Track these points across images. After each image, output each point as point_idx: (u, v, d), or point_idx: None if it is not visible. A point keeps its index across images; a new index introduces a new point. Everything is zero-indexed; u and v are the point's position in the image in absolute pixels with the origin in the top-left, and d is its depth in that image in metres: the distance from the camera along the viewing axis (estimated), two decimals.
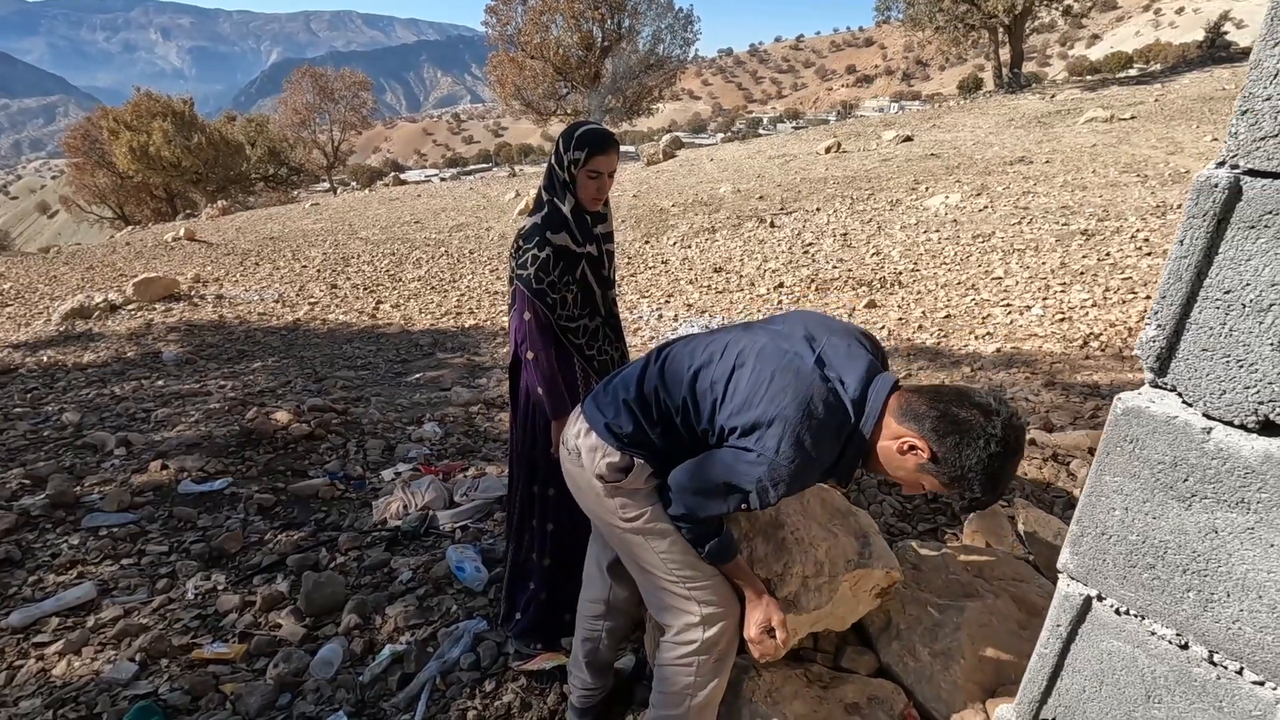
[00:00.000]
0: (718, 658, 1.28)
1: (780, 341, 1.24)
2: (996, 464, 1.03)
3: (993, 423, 1.04)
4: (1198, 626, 0.57)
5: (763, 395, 1.16)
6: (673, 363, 1.32)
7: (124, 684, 2.06)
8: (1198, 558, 0.56)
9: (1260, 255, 0.50)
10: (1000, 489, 1.07)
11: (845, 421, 1.17)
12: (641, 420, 1.31)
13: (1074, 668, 0.66)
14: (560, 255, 1.81)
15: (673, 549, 1.29)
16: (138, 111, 23.84)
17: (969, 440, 1.04)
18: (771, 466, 1.14)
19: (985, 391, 1.10)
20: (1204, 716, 0.58)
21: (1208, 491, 0.54)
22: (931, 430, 1.08)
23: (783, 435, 1.13)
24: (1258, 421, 0.52)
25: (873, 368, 1.20)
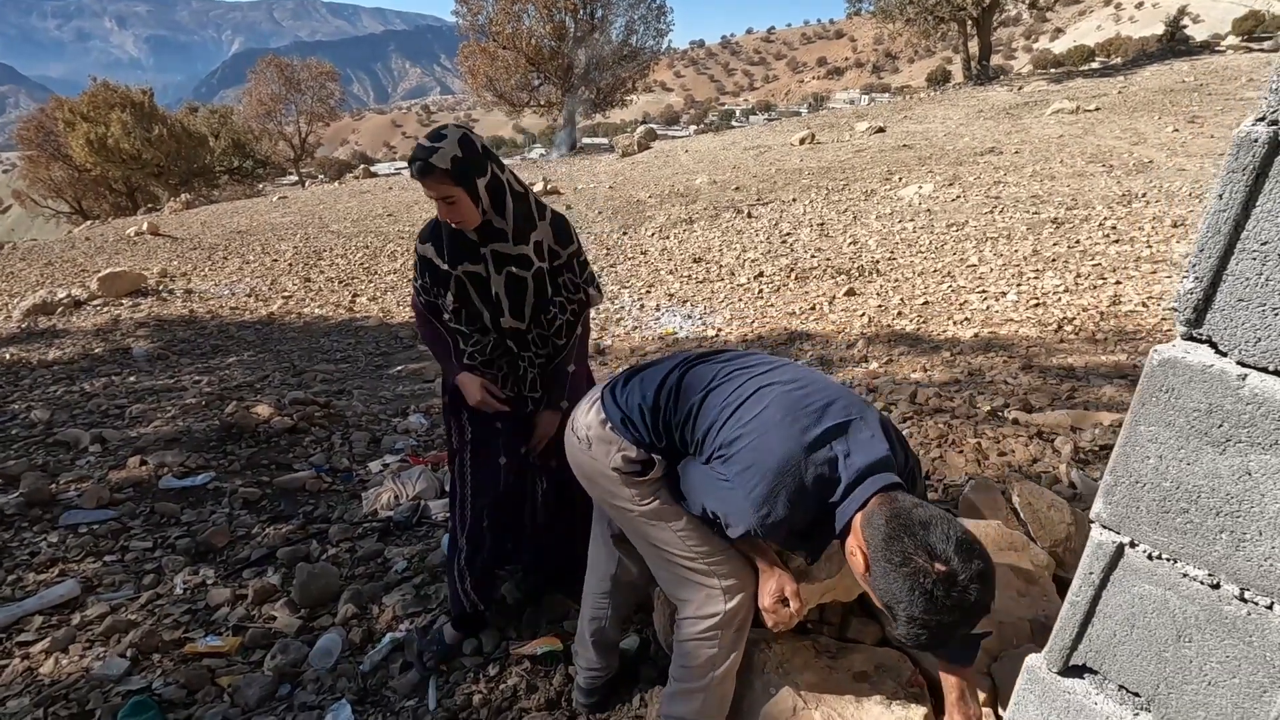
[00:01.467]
0: (737, 629, 1.31)
1: (803, 396, 1.22)
2: (920, 615, 0.98)
3: (931, 570, 0.97)
4: (1229, 566, 0.60)
5: (755, 439, 1.17)
6: (692, 376, 1.34)
7: (115, 680, 2.02)
8: (1231, 500, 0.58)
9: None
10: (928, 642, 1.01)
11: (823, 498, 1.14)
12: (650, 424, 1.33)
13: (1105, 613, 0.69)
14: (424, 265, 1.74)
15: (689, 526, 1.31)
16: (94, 102, 23.01)
17: (899, 573, 0.99)
18: (741, 512, 1.16)
19: (959, 532, 1.00)
20: (1233, 651, 0.61)
21: (1242, 436, 0.57)
22: (875, 547, 1.04)
23: (758, 482, 1.14)
24: None
25: (883, 462, 1.14)
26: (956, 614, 0.97)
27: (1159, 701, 0.67)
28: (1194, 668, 0.64)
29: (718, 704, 1.35)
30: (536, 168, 19.20)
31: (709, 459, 1.23)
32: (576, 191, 13.42)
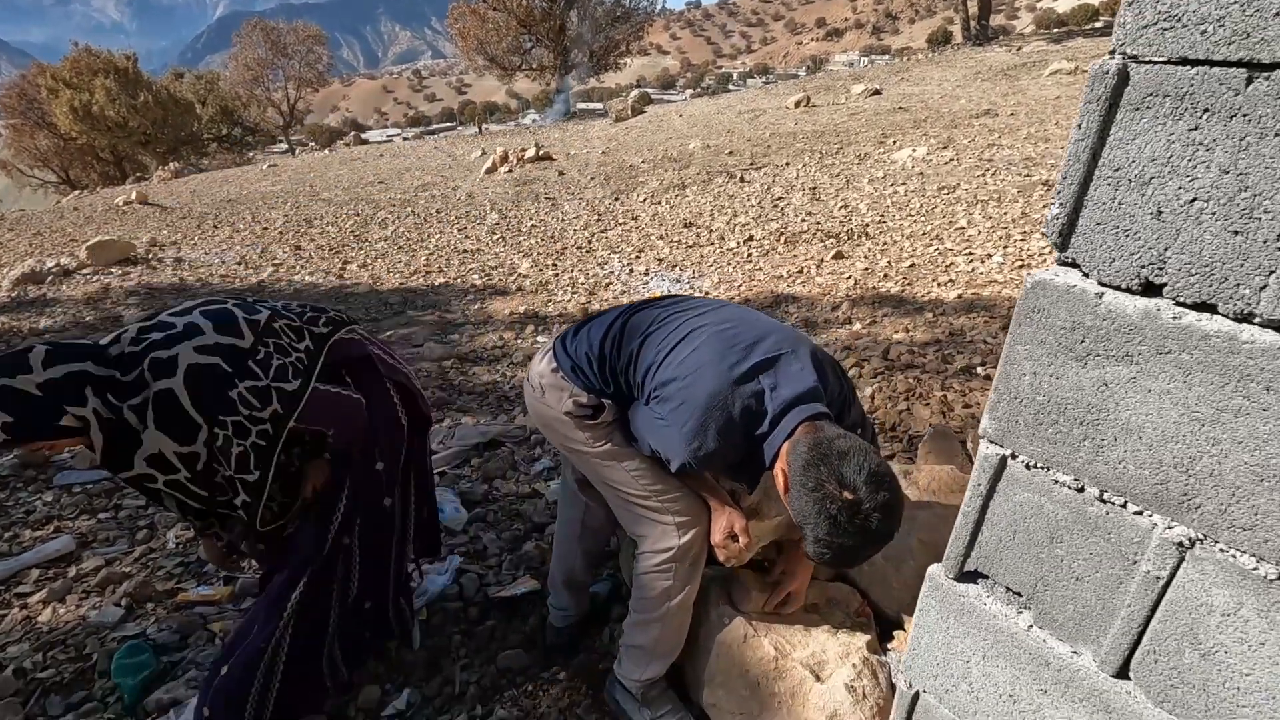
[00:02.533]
0: (691, 562, 1.38)
1: (733, 333, 1.28)
2: (825, 535, 1.04)
3: (839, 497, 1.03)
4: (1091, 470, 0.66)
5: (688, 376, 1.23)
6: (633, 323, 1.40)
7: (111, 627, 2.11)
8: (1091, 409, 0.64)
9: (1143, 134, 0.57)
10: (833, 560, 1.08)
11: (752, 430, 1.19)
12: (597, 371, 1.39)
13: (992, 521, 0.75)
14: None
15: (641, 466, 1.37)
16: (77, 68, 22.51)
17: (811, 497, 1.05)
18: (674, 444, 1.23)
19: (872, 466, 1.05)
20: (1096, 548, 0.67)
21: (1099, 349, 0.62)
22: (794, 471, 1.09)
23: (689, 419, 1.20)
24: (1140, 284, 0.59)
25: (811, 393, 1.19)
26: (858, 538, 1.04)
27: (1037, 599, 0.74)
28: (1064, 566, 0.70)
29: (674, 633, 1.43)
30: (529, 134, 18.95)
31: (648, 400, 1.29)
32: (569, 157, 13.28)
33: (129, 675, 1.85)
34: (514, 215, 9.17)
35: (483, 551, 2.33)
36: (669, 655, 1.46)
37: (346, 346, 1.54)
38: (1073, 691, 0.73)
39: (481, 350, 4.69)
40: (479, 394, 3.93)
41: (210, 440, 1.27)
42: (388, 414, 1.60)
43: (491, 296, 6.08)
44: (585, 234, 7.90)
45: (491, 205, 9.86)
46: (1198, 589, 0.61)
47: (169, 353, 1.22)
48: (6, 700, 1.80)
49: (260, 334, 1.34)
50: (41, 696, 1.85)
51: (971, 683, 0.83)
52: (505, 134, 22.75)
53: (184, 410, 1.23)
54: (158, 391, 1.21)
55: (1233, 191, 0.52)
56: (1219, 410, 0.56)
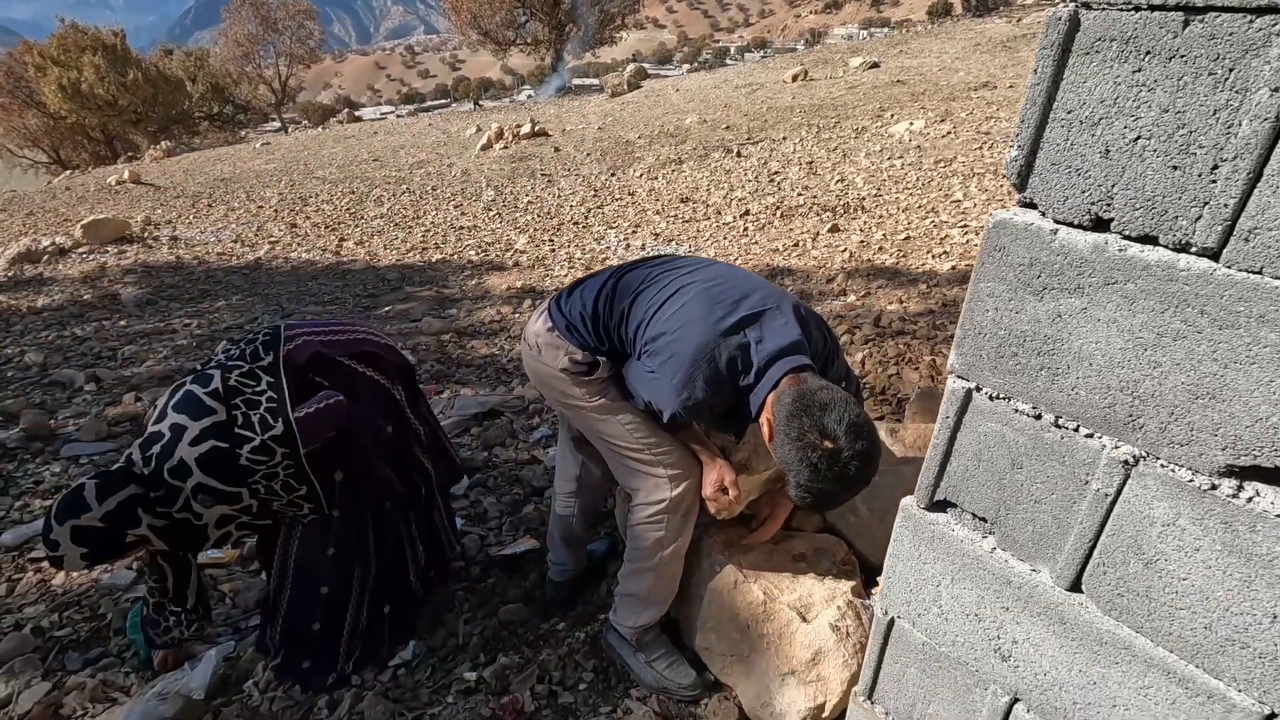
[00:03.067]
0: (683, 514, 1.44)
1: (720, 289, 1.33)
2: (807, 481, 1.11)
3: (820, 446, 1.08)
4: (1047, 398, 0.70)
5: (676, 330, 1.28)
6: (624, 282, 1.44)
7: (124, 589, 2.17)
8: (1048, 340, 0.69)
9: (1093, 77, 0.60)
10: (814, 504, 1.15)
11: (737, 382, 1.25)
12: (591, 329, 1.43)
13: (959, 452, 0.80)
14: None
15: (635, 420, 1.42)
16: (64, 45, 22.15)
17: (794, 445, 1.11)
18: (664, 394, 1.28)
19: (852, 416, 1.10)
20: (1052, 471, 0.72)
21: (1054, 283, 0.67)
22: (779, 420, 1.15)
23: (677, 371, 1.26)
24: (1090, 219, 0.64)
25: (794, 345, 1.23)
26: (837, 484, 1.11)
27: (999, 523, 0.79)
28: (1024, 490, 0.75)
29: (667, 581, 1.50)
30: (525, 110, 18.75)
31: (639, 355, 1.34)
32: (565, 133, 13.18)
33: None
34: (510, 192, 9.14)
35: (483, 514, 2.39)
36: (663, 603, 1.52)
37: (295, 357, 1.58)
38: (1031, 606, 0.78)
39: (479, 325, 4.73)
40: (477, 367, 3.97)
41: (254, 494, 1.46)
42: (368, 389, 1.69)
43: (488, 272, 6.10)
44: (582, 209, 7.89)
45: (487, 182, 9.81)
46: (1141, 503, 0.67)
47: (174, 460, 1.38)
48: (26, 656, 1.87)
49: (226, 400, 1.44)
50: (59, 653, 1.91)
51: (941, 605, 0.88)
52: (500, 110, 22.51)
53: (219, 489, 1.42)
54: (191, 487, 1.40)
55: (1172, 129, 0.56)
56: (1159, 335, 0.61)
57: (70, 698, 1.74)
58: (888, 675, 1.00)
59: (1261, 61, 0.51)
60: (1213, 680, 0.66)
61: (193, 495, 1.40)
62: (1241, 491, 0.60)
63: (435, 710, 1.55)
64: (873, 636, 1.00)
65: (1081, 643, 0.75)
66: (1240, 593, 0.62)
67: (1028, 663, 0.81)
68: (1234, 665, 0.64)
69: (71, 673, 1.84)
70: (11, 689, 1.76)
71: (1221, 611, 0.64)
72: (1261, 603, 0.61)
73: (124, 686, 1.79)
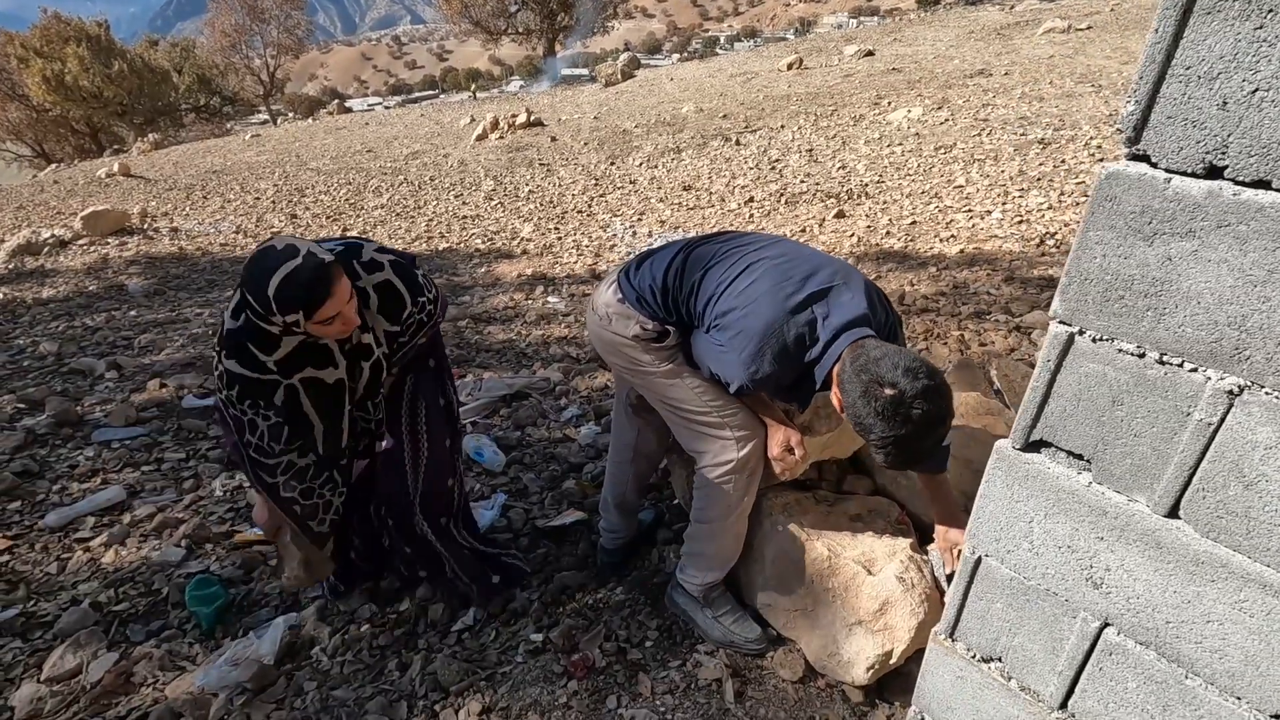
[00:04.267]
0: (749, 474, 1.49)
1: (789, 266, 1.37)
2: (884, 434, 1.15)
3: (881, 394, 1.13)
4: (1153, 337, 0.76)
5: (747, 306, 1.33)
6: (694, 257, 1.48)
7: (176, 565, 2.21)
8: (1155, 282, 0.74)
9: (1212, 35, 0.66)
10: (898, 459, 1.19)
11: (804, 357, 1.30)
12: (660, 301, 1.48)
13: (1058, 393, 0.86)
14: (238, 382, 1.36)
15: (702, 383, 1.48)
16: (47, 36, 21.77)
17: (861, 400, 1.16)
18: (732, 368, 1.33)
19: (908, 359, 1.15)
20: (1154, 405, 0.78)
21: (1165, 229, 0.72)
22: (845, 386, 1.21)
23: (746, 346, 1.31)
24: (1204, 167, 0.69)
25: (860, 319, 1.28)
26: (909, 427, 1.15)
27: (1097, 459, 0.85)
28: (1124, 426, 0.81)
29: (733, 540, 1.56)
30: (518, 100, 18.66)
31: (709, 329, 1.39)
32: (560, 123, 13.15)
33: (203, 605, 1.96)
34: (509, 181, 9.13)
35: (524, 490, 2.44)
36: (728, 561, 1.58)
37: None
38: (1127, 534, 0.85)
39: (494, 311, 4.76)
40: (496, 351, 4.01)
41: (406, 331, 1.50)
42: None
43: (497, 260, 6.12)
44: (584, 198, 7.90)
45: (486, 172, 9.79)
46: (1244, 430, 0.73)
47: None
48: (90, 629, 1.90)
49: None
50: (121, 626, 1.95)
51: (1032, 540, 0.95)
52: (493, 100, 22.37)
53: (400, 293, 1.47)
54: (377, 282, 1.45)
55: None
56: (1270, 271, 0.67)
57: (139, 667, 1.78)
58: (971, 613, 1.07)
59: None
60: None
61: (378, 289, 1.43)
62: None
63: (506, 669, 1.60)
64: (958, 577, 1.06)
65: (1178, 564, 0.81)
66: None
67: (1120, 588, 0.87)
68: None
69: (136, 644, 1.88)
70: (80, 659, 1.80)
71: None
72: None
73: (190, 655, 1.84)
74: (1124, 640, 0.89)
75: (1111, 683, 0.92)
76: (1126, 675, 0.90)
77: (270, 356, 1.35)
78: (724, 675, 1.49)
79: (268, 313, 1.26)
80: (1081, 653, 0.94)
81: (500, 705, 1.49)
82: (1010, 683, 1.05)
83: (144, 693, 1.71)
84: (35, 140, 25.42)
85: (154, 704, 1.65)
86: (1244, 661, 0.79)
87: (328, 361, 1.40)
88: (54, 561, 2.27)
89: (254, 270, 1.26)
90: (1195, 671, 0.84)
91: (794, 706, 1.43)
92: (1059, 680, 0.98)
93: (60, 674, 1.77)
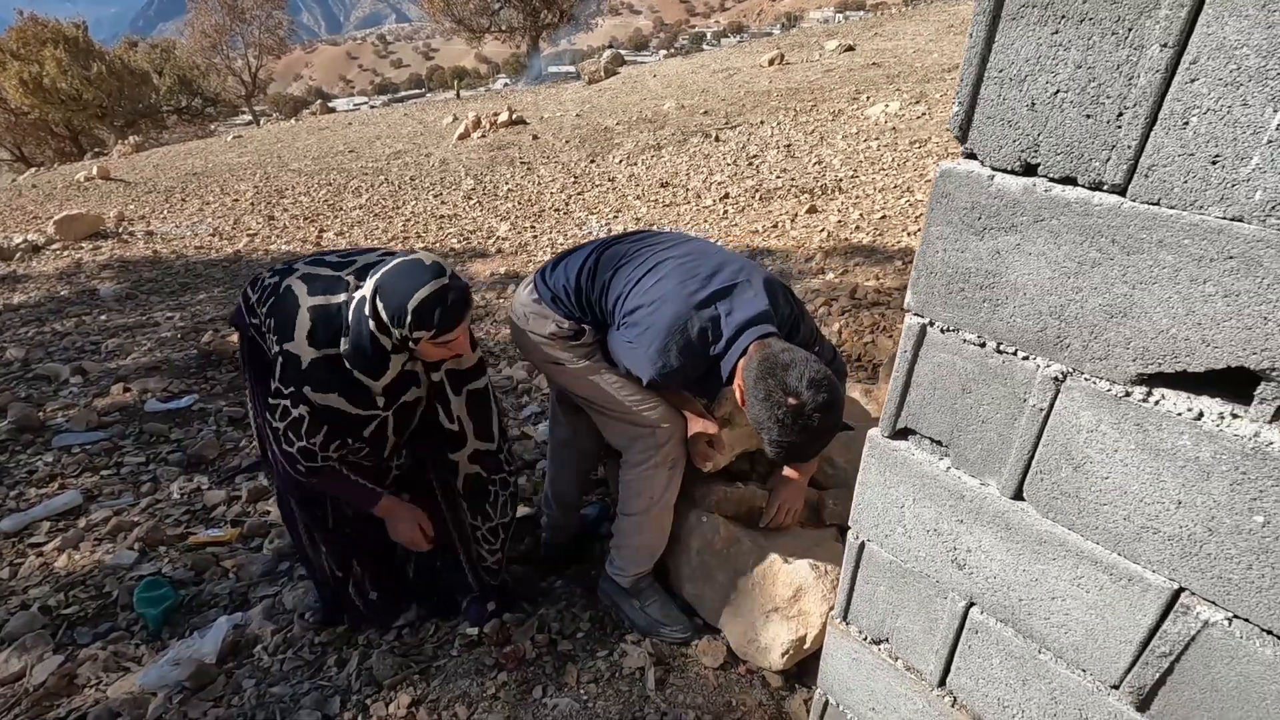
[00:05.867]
0: (670, 466, 1.53)
1: (694, 265, 1.42)
2: (778, 436, 1.21)
3: (784, 402, 1.18)
4: (989, 327, 0.80)
5: (653, 304, 1.37)
6: (605, 258, 1.53)
7: (128, 568, 2.22)
8: (988, 275, 0.78)
9: (1019, 39, 0.69)
10: (788, 456, 1.26)
11: (708, 352, 1.34)
12: (574, 301, 1.51)
13: (916, 383, 0.90)
14: (326, 417, 1.32)
15: (621, 380, 1.51)
16: (24, 38, 21.53)
17: (763, 405, 1.21)
18: (640, 361, 1.36)
19: (813, 371, 1.20)
20: (996, 392, 0.82)
21: (992, 223, 0.76)
22: (748, 386, 1.25)
23: (653, 342, 1.34)
24: (1021, 165, 0.73)
25: (761, 316, 1.33)
26: (804, 435, 1.21)
27: (953, 445, 0.89)
28: (973, 412, 0.85)
29: (658, 532, 1.59)
30: (501, 98, 18.62)
31: (619, 326, 1.43)
32: (543, 121, 13.14)
33: (151, 606, 1.97)
34: (489, 180, 9.13)
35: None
36: (654, 552, 1.62)
37: None
38: (982, 517, 0.88)
39: None
40: None
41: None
42: None
43: (471, 259, 6.13)
44: (562, 196, 7.92)
45: (466, 171, 9.79)
46: (1070, 414, 0.76)
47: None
48: (36, 632, 1.92)
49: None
50: (69, 629, 1.97)
51: (905, 525, 0.98)
52: (476, 99, 22.30)
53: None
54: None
55: (1084, 82, 0.65)
56: (1079, 264, 0.71)
57: (84, 669, 1.80)
58: (860, 596, 1.10)
59: (1153, 21, 0.60)
60: (1132, 565, 0.76)
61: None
62: (1150, 396, 0.70)
63: (441, 662, 1.63)
64: (845, 562, 1.10)
65: (1024, 545, 0.85)
66: (1151, 485, 0.72)
67: (980, 569, 0.91)
68: (1148, 550, 0.75)
69: (82, 646, 1.89)
70: (24, 662, 1.81)
71: (1137, 503, 0.74)
72: (1168, 492, 0.71)
73: (135, 656, 1.85)
74: (986, 619, 0.93)
75: (979, 660, 0.96)
76: (991, 652, 0.94)
77: (379, 381, 1.30)
78: (647, 664, 1.52)
79: (396, 325, 1.22)
80: (953, 632, 0.98)
81: (430, 698, 1.51)
82: (897, 663, 1.09)
83: (86, 694, 1.72)
84: (14, 144, 25.15)
85: (94, 704, 1.67)
86: (1085, 635, 0.83)
87: (414, 383, 1.39)
88: (5, 567, 2.28)
89: (399, 282, 1.23)
90: (1046, 646, 0.88)
91: (713, 692, 1.47)
92: (936, 659, 1.02)
93: (4, 677, 1.78)
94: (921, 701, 1.07)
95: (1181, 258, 0.64)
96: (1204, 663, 0.74)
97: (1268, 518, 0.65)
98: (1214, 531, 0.69)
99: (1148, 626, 0.77)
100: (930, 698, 1.05)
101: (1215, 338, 0.64)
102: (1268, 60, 0.55)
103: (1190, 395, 0.69)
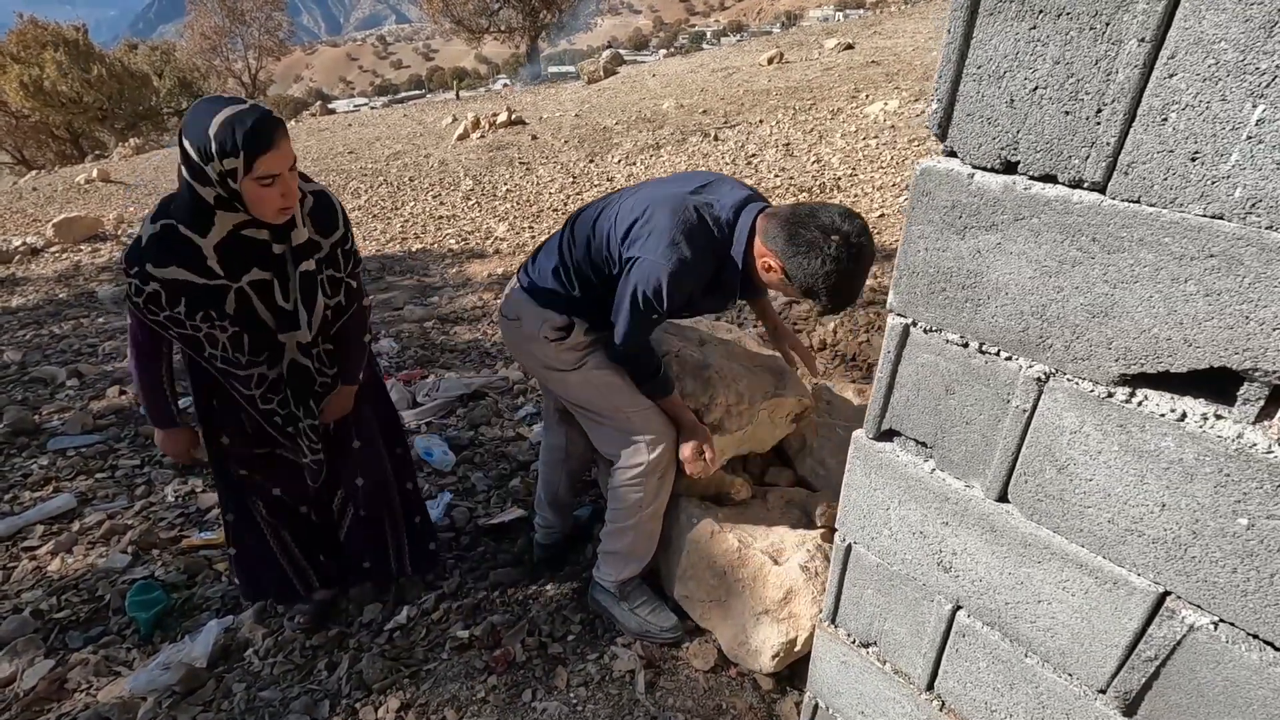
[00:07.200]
0: (660, 475, 1.52)
1: (669, 181, 1.45)
2: (835, 279, 1.21)
3: (830, 240, 1.20)
4: (972, 327, 0.79)
5: (644, 211, 1.36)
6: (581, 221, 1.51)
7: (120, 571, 2.22)
8: (970, 275, 0.77)
9: (997, 35, 0.68)
10: (845, 298, 1.27)
11: (715, 235, 1.33)
12: (564, 281, 1.49)
13: (900, 384, 0.89)
14: (176, 290, 1.28)
15: (615, 384, 1.50)
16: (24, 41, 21.57)
17: (810, 258, 1.21)
18: (654, 266, 1.30)
19: (836, 209, 1.24)
20: (979, 393, 0.81)
21: (972, 222, 0.75)
22: (782, 250, 1.25)
23: (660, 240, 1.31)
24: (1001, 163, 0.72)
25: (750, 196, 1.35)
26: (858, 264, 1.23)
27: (938, 446, 0.88)
28: (957, 413, 0.84)
29: (647, 538, 1.58)
30: (500, 98, 18.61)
31: (619, 267, 1.39)
32: (542, 121, 13.13)
33: (143, 610, 1.97)
34: (488, 181, 9.12)
35: (471, 489, 2.46)
36: (643, 558, 1.61)
37: None
38: (966, 519, 0.87)
39: (461, 311, 4.77)
40: (461, 351, 4.02)
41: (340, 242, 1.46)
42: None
43: (469, 260, 6.13)
44: (561, 196, 7.91)
45: (465, 171, 9.78)
46: (1053, 415, 0.75)
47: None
48: (28, 637, 1.91)
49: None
50: (60, 633, 1.96)
51: (891, 528, 0.97)
52: (476, 99, 22.30)
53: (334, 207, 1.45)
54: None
55: (1063, 78, 0.64)
56: (1060, 262, 0.69)
57: (74, 673, 1.79)
58: (848, 599, 1.09)
59: (1130, 15, 0.59)
60: (1116, 568, 0.75)
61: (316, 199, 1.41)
62: (1133, 397, 0.69)
63: (431, 666, 1.62)
64: (833, 564, 1.09)
65: (1010, 548, 0.84)
66: (1135, 487, 0.71)
67: (966, 571, 0.90)
68: (1133, 552, 0.74)
69: (74, 650, 1.89)
70: (15, 667, 1.81)
71: (1121, 506, 0.73)
72: (1152, 494, 0.70)
73: (126, 661, 1.85)
74: (973, 622, 0.92)
75: (966, 663, 0.95)
76: (978, 655, 0.93)
77: (206, 239, 1.25)
78: (638, 667, 1.52)
79: (204, 159, 1.16)
80: (940, 635, 0.97)
81: (419, 702, 1.51)
82: (885, 666, 1.08)
83: (76, 699, 1.72)
84: (15, 147, 25.19)
85: (84, 709, 1.66)
86: (1071, 639, 0.82)
87: (261, 260, 1.32)
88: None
89: (196, 112, 1.17)
90: (1033, 650, 0.87)
91: (703, 695, 1.46)
92: (924, 662, 1.01)
93: None
94: (910, 705, 1.06)
95: (1162, 256, 0.63)
96: (1190, 667, 0.72)
97: (1252, 520, 0.64)
98: (1198, 534, 0.68)
99: (1134, 630, 0.76)
100: (919, 701, 1.04)
101: (1197, 337, 0.63)
102: (1245, 55, 0.54)
103: (1173, 396, 0.67)
